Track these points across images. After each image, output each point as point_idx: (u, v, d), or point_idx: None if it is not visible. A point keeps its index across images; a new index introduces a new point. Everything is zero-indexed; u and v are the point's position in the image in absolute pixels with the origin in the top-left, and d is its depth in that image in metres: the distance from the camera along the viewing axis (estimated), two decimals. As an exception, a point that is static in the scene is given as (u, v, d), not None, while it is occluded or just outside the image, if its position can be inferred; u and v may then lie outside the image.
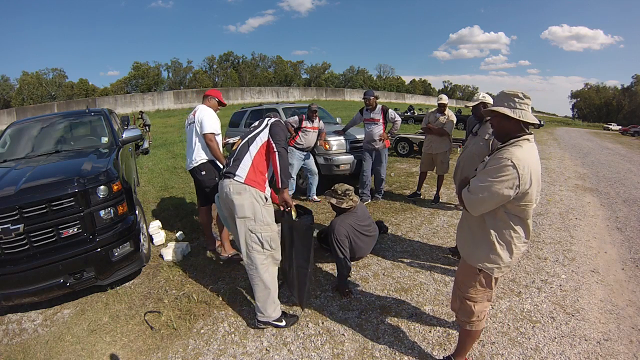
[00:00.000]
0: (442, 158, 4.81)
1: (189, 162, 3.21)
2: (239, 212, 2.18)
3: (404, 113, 20.51)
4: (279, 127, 2.36)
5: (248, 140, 2.35)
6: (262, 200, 2.22)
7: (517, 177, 1.45)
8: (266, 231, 2.21)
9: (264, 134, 2.34)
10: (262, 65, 65.63)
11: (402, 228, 4.04)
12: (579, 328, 2.29)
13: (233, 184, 2.19)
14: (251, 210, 2.18)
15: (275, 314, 2.29)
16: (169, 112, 25.29)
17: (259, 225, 2.19)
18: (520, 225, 1.60)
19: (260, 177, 2.25)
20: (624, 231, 4.02)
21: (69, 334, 2.39)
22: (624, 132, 29.18)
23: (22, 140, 3.73)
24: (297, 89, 39.79)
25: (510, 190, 1.47)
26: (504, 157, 1.50)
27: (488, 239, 1.63)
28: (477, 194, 1.55)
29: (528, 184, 1.47)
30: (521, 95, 1.56)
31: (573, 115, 77.24)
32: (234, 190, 2.19)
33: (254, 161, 2.25)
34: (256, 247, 2.21)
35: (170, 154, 9.66)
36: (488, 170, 1.55)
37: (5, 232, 2.30)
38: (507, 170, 1.46)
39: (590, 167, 8.31)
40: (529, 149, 1.54)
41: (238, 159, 2.28)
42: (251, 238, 2.20)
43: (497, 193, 1.49)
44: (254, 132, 2.39)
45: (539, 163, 1.57)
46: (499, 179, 1.48)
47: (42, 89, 47.52)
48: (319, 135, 4.91)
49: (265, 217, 2.22)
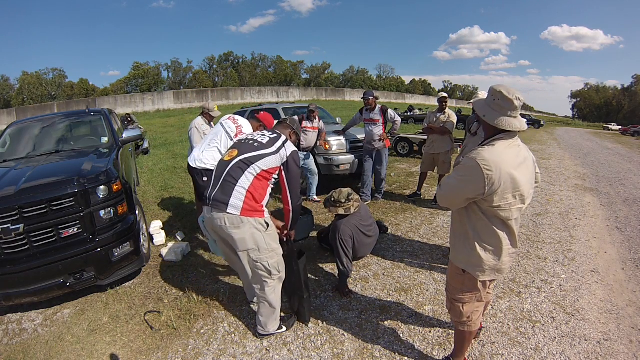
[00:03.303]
0: (443, 158, 4.81)
1: (197, 159, 3.01)
2: (240, 247, 1.99)
3: (404, 113, 20.51)
4: (296, 166, 2.07)
5: (245, 160, 2.00)
6: (263, 227, 2.01)
7: (483, 178, 1.44)
8: (272, 258, 2.05)
9: (273, 159, 2.02)
10: (262, 65, 65.66)
11: (402, 228, 4.04)
12: (579, 328, 2.29)
13: (228, 217, 1.93)
14: (253, 241, 1.98)
15: (274, 328, 2.22)
16: (169, 112, 25.27)
17: (264, 254, 2.02)
18: (502, 228, 1.57)
19: (258, 205, 2.00)
20: (624, 231, 4.02)
21: (69, 334, 2.39)
22: (624, 132, 29.15)
23: (22, 140, 3.73)
24: (297, 89, 39.77)
25: (474, 191, 1.48)
26: (471, 156, 1.51)
27: (468, 241, 1.63)
28: (444, 190, 1.63)
29: (497, 184, 1.44)
30: (516, 103, 1.47)
31: (573, 115, 77.27)
32: (230, 224, 1.94)
33: (250, 188, 1.95)
34: (264, 275, 2.06)
35: (170, 154, 9.65)
36: (457, 169, 1.62)
37: (5, 232, 2.30)
38: (471, 170, 1.48)
39: (590, 167, 8.30)
40: (503, 149, 1.49)
41: (228, 184, 1.96)
42: (258, 267, 2.04)
43: (460, 190, 1.54)
44: (256, 149, 2.03)
45: (519, 164, 1.50)
46: (462, 178, 1.54)
47: (42, 89, 47.52)
48: (319, 135, 4.90)
49: (269, 244, 2.03)
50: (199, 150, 3.07)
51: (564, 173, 7.42)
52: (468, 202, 1.57)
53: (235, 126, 2.97)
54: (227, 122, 3.03)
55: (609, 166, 8.62)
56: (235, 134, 2.93)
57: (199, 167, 3.01)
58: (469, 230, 1.62)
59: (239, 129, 2.94)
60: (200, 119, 4.10)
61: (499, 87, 1.52)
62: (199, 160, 3.01)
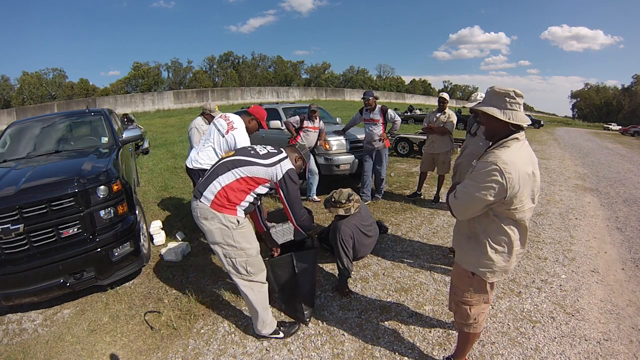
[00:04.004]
0: (443, 158, 4.81)
1: (193, 161, 3.09)
2: (209, 238, 2.02)
3: (404, 113, 20.51)
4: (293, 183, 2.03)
5: (234, 161, 2.02)
6: (233, 224, 1.98)
7: (504, 182, 1.39)
8: (240, 256, 2.02)
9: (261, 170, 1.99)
10: (262, 65, 65.64)
11: (402, 228, 4.04)
12: (579, 328, 2.29)
13: (199, 207, 1.98)
14: (220, 236, 1.97)
15: (266, 331, 2.19)
16: (169, 112, 25.28)
17: (232, 251, 2.01)
18: (515, 228, 1.55)
19: (229, 204, 1.98)
20: (624, 231, 4.02)
21: (69, 334, 2.39)
22: (624, 132, 29.15)
23: (22, 140, 3.73)
24: (297, 89, 39.77)
25: (496, 196, 1.42)
26: (489, 161, 1.43)
27: (479, 243, 1.59)
28: (462, 200, 1.52)
29: (517, 187, 1.41)
30: (512, 94, 1.46)
31: (573, 115, 77.26)
32: (200, 214, 1.98)
33: (226, 187, 1.96)
34: (232, 272, 2.07)
35: (170, 154, 9.64)
36: (474, 175, 1.50)
37: (5, 232, 2.30)
38: (492, 175, 1.41)
39: (590, 167, 8.30)
40: (517, 149, 1.47)
41: (211, 177, 2.01)
42: (227, 262, 2.05)
43: (482, 199, 1.45)
44: (250, 157, 2.04)
45: (531, 163, 1.50)
46: (483, 185, 1.43)
47: (42, 89, 47.50)
48: (319, 136, 4.90)
49: (238, 242, 2.00)
50: (195, 152, 3.13)
51: (564, 173, 7.42)
52: (486, 209, 1.51)
53: (226, 122, 2.96)
54: (218, 120, 3.04)
55: (609, 166, 8.62)
56: (226, 130, 2.91)
57: (195, 167, 3.08)
58: (479, 232, 1.58)
59: (229, 125, 2.93)
60: (201, 119, 4.10)
61: (503, 89, 1.50)
62: (195, 161, 3.08)
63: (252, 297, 2.10)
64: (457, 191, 1.56)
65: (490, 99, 1.54)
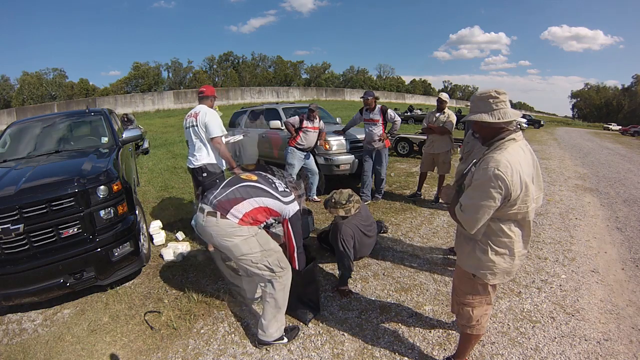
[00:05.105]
0: (443, 158, 4.80)
1: (192, 161, 3.26)
2: (236, 253, 2.02)
3: (404, 113, 20.51)
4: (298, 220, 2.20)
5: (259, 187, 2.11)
6: (254, 232, 2.06)
7: (506, 186, 1.39)
8: (271, 255, 2.07)
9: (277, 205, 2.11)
10: (262, 65, 65.70)
11: (402, 228, 4.04)
12: (579, 328, 2.29)
13: (220, 224, 1.98)
14: (247, 246, 2.01)
15: (277, 334, 2.16)
16: (169, 112, 25.27)
17: (263, 254, 2.04)
18: (516, 229, 1.55)
19: (254, 222, 2.07)
20: (624, 231, 4.02)
21: (69, 334, 2.39)
22: (624, 132, 29.15)
23: (22, 140, 3.73)
24: (297, 89, 39.79)
25: (501, 200, 1.42)
26: (489, 166, 1.42)
27: (479, 245, 1.59)
28: (471, 213, 1.49)
29: (518, 189, 1.41)
30: (494, 94, 1.48)
31: (573, 115, 77.25)
32: (219, 234, 1.99)
33: (251, 212, 2.04)
34: (269, 273, 2.07)
35: (170, 154, 9.65)
36: (476, 185, 1.48)
37: (5, 232, 2.30)
38: (494, 181, 1.40)
39: (590, 167, 8.30)
40: (515, 150, 1.47)
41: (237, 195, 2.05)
42: (259, 268, 2.05)
43: (489, 206, 1.44)
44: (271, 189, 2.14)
45: (530, 162, 1.50)
46: (485, 193, 1.43)
47: (43, 89, 47.53)
48: (319, 135, 4.90)
49: (264, 244, 2.07)
50: (190, 155, 3.30)
51: (564, 173, 7.42)
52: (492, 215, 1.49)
53: (192, 117, 3.23)
54: (185, 120, 3.31)
55: (609, 166, 8.61)
56: (192, 116, 3.23)
57: (196, 165, 3.23)
58: (480, 235, 1.58)
59: (192, 114, 3.24)
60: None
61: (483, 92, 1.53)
62: (194, 159, 3.24)
63: (280, 295, 2.10)
64: (464, 205, 1.53)
65: (476, 106, 1.55)
